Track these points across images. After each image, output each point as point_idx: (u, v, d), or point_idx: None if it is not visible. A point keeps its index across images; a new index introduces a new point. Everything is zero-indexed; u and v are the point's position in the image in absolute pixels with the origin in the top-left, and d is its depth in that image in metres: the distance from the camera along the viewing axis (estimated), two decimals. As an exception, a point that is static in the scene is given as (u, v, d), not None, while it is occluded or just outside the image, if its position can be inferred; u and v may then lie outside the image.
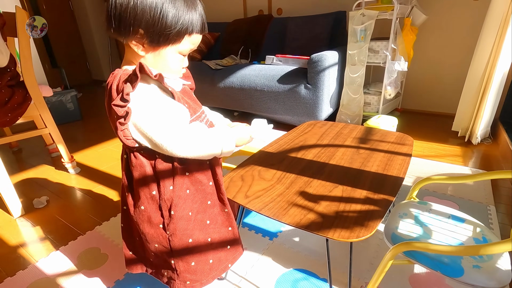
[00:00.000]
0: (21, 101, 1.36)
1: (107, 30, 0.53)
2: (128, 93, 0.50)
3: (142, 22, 0.50)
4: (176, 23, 0.51)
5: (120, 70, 0.54)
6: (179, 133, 0.53)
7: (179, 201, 0.59)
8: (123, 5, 0.49)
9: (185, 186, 0.60)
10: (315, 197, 0.68)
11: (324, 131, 1.08)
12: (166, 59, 0.55)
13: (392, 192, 0.68)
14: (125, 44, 0.54)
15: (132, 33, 0.51)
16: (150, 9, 0.50)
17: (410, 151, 0.88)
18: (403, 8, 1.82)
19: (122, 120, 0.52)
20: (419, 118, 2.20)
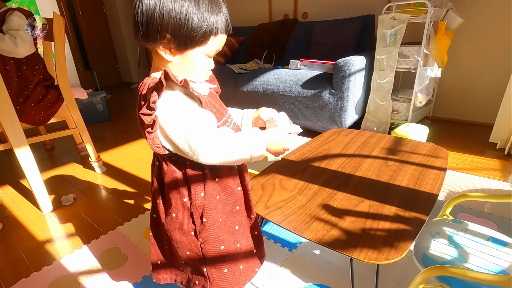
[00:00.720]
0: (54, 101, 1.43)
1: (135, 37, 0.54)
2: (155, 101, 0.50)
3: (169, 27, 0.50)
4: (201, 24, 0.52)
5: (148, 79, 0.55)
6: (206, 139, 0.52)
7: (210, 207, 0.58)
8: (149, 11, 0.50)
9: (215, 192, 0.59)
10: (340, 211, 0.64)
11: (350, 140, 1.03)
12: (193, 62, 0.55)
13: (425, 210, 0.62)
14: (153, 51, 0.55)
15: (159, 39, 0.51)
16: (176, 13, 0.50)
17: (445, 165, 0.81)
18: (437, 11, 1.73)
19: (150, 128, 0.52)
20: (452, 127, 2.07)
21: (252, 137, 0.57)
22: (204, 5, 0.51)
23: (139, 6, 0.50)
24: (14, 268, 1.00)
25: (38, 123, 1.40)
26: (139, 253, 1.03)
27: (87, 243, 1.10)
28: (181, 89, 0.54)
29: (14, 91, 1.30)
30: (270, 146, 0.59)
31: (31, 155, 1.23)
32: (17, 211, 1.34)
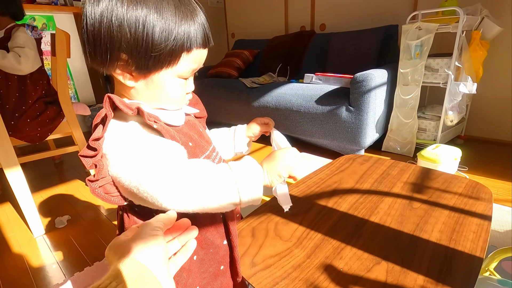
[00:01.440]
0: (53, 117, 1.38)
1: (85, 59, 0.42)
2: (97, 138, 0.38)
3: (121, 44, 0.38)
4: (166, 38, 0.39)
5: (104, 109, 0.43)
6: (173, 176, 0.39)
7: (182, 273, 0.44)
8: (95, 26, 0.38)
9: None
10: (346, 278, 0.49)
11: (366, 170, 0.87)
12: (162, 87, 0.43)
13: (466, 285, 0.45)
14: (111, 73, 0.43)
15: (111, 60, 0.39)
16: (129, 24, 0.37)
17: (489, 212, 0.63)
18: (470, 19, 1.54)
19: (92, 177, 0.40)
20: (489, 149, 1.82)
21: (241, 171, 0.40)
22: (169, 12, 0.38)
23: (84, 20, 0.38)
24: (-11, 302, 0.92)
25: (34, 140, 1.35)
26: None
27: (71, 275, 1.01)
28: (135, 119, 0.42)
29: (12, 106, 1.26)
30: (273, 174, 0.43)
31: (23, 176, 1.17)
32: (9, 233, 1.28)
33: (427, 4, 1.95)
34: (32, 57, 1.28)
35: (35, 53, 1.29)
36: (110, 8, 0.37)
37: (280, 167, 0.43)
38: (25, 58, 1.23)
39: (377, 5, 2.21)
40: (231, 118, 2.33)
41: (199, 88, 2.35)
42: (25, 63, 1.25)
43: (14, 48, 1.25)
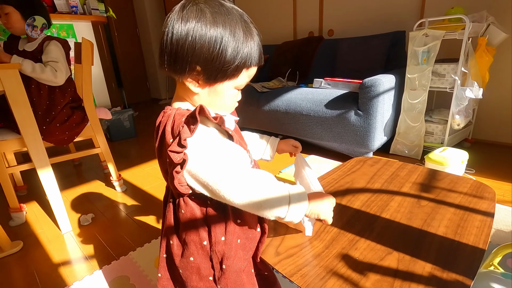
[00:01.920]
0: (79, 122, 1.47)
1: (160, 67, 0.50)
2: (186, 138, 0.45)
3: (200, 59, 0.46)
4: (235, 57, 0.47)
5: (172, 109, 0.51)
6: (244, 181, 0.47)
7: (230, 253, 0.52)
8: (180, 42, 0.46)
9: (236, 236, 0.53)
10: (362, 265, 0.55)
11: (376, 171, 0.93)
12: (222, 95, 0.52)
13: (469, 272, 0.51)
14: (179, 81, 0.51)
15: (188, 70, 0.48)
16: (209, 44, 0.45)
17: (492, 209, 0.69)
18: (476, 26, 1.59)
19: (178, 168, 0.46)
20: (496, 152, 1.86)
21: (296, 198, 0.50)
22: (239, 34, 0.47)
23: (169, 35, 0.46)
24: (27, 292, 1.00)
25: (62, 143, 1.44)
26: (147, 284, 0.98)
27: (99, 268, 1.08)
28: (214, 126, 0.50)
29: (43, 113, 1.35)
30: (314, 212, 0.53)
31: (53, 176, 1.26)
32: (39, 229, 1.37)
33: (434, 10, 2.01)
34: (65, 70, 1.38)
35: (66, 65, 1.39)
36: (195, 28, 0.45)
37: (321, 209, 0.54)
38: (60, 72, 1.33)
39: (384, 11, 2.27)
40: (243, 121, 2.41)
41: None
42: (60, 77, 1.35)
43: (50, 62, 1.34)
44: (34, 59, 1.33)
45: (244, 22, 0.48)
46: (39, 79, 1.31)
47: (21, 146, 1.35)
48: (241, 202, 0.47)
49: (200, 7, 0.46)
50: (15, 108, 1.12)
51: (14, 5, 1.28)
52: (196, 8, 0.45)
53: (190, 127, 0.45)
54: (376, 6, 2.30)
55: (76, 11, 2.36)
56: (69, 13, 2.34)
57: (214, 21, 0.45)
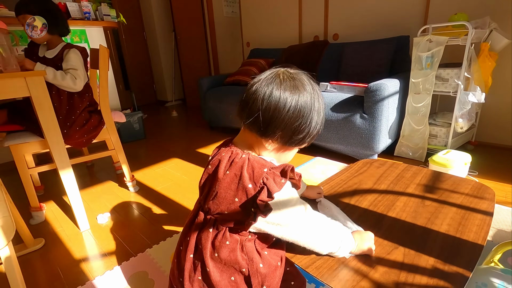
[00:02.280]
0: (96, 125, 1.54)
1: (244, 122, 0.55)
2: (275, 191, 0.50)
3: (285, 127, 0.52)
4: (313, 132, 0.55)
5: (243, 152, 0.56)
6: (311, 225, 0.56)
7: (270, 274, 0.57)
8: (281, 111, 0.51)
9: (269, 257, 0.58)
10: (371, 259, 0.60)
11: (382, 173, 0.98)
12: (289, 156, 0.61)
13: (469, 265, 0.56)
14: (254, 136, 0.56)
15: (272, 132, 0.53)
16: (302, 118, 0.52)
17: (491, 209, 0.74)
18: (479, 32, 1.63)
19: (262, 215, 0.51)
20: (499, 154, 1.90)
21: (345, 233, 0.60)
22: (320, 112, 0.55)
23: (269, 99, 0.51)
24: (51, 286, 1.06)
25: (81, 145, 1.51)
26: (165, 279, 1.04)
27: (118, 264, 1.14)
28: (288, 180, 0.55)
29: (64, 117, 1.42)
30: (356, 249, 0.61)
31: (73, 176, 1.33)
32: (58, 227, 1.43)
33: (438, 16, 2.05)
34: (83, 77, 1.45)
35: (84, 72, 1.46)
36: (301, 102, 0.52)
37: (365, 246, 0.61)
38: (79, 80, 1.41)
39: (388, 16, 2.32)
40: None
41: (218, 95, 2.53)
42: (79, 84, 1.42)
43: (69, 70, 1.41)
44: (55, 66, 1.40)
45: (321, 100, 0.55)
46: (60, 85, 1.38)
47: (41, 148, 1.42)
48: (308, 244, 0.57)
49: (295, 83, 0.52)
50: (40, 113, 1.18)
51: (36, 15, 1.35)
52: (293, 84, 0.52)
53: (276, 181, 0.51)
54: (380, 11, 2.35)
55: (88, 17, 2.44)
56: (82, 19, 2.41)
57: (308, 97, 0.53)
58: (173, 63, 4.64)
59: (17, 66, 1.20)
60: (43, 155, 2.25)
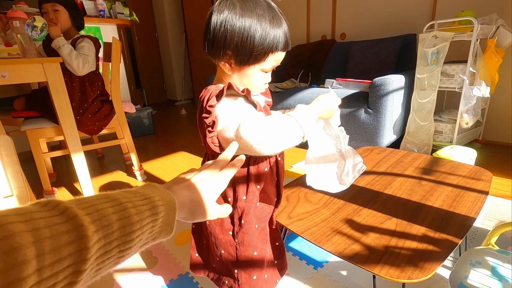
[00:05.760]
0: (107, 114, 1.60)
1: (203, 52, 0.60)
2: (212, 105, 0.54)
3: (231, 45, 0.55)
4: (262, 44, 0.54)
5: (212, 86, 0.60)
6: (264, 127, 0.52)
7: (249, 211, 0.61)
8: (216, 30, 0.55)
9: (256, 198, 0.62)
10: (363, 227, 0.63)
11: (382, 158, 1.00)
12: (250, 77, 0.59)
13: (459, 233, 0.58)
14: (216, 64, 0.61)
15: (222, 55, 0.56)
16: (239, 32, 0.54)
17: (487, 188, 0.75)
18: (485, 28, 1.64)
19: (210, 128, 0.56)
20: (506, 153, 1.87)
21: (299, 114, 0.55)
22: (265, 24, 0.54)
23: (208, 23, 0.56)
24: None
25: (92, 133, 1.57)
26: (169, 257, 1.08)
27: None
28: (242, 97, 0.59)
29: (77, 104, 1.49)
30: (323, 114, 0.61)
31: (85, 161, 1.39)
32: (69, 211, 1.49)
33: (445, 14, 2.06)
34: (92, 65, 1.52)
35: (94, 61, 1.53)
36: (228, 18, 0.54)
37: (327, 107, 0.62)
38: (87, 65, 1.47)
39: (396, 15, 2.33)
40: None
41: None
42: (85, 69, 1.49)
43: (81, 54, 1.48)
44: (66, 53, 1.47)
45: (272, 12, 0.56)
46: (69, 63, 1.42)
47: (55, 134, 1.48)
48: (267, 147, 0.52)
49: (232, 1, 0.55)
50: (56, 98, 1.25)
51: (65, 5, 1.43)
52: (229, 2, 0.55)
53: (217, 98, 0.55)
54: (388, 10, 2.37)
55: (103, 14, 2.53)
56: (97, 17, 2.51)
57: (243, 12, 0.55)
58: (183, 63, 4.74)
59: (35, 54, 1.28)
60: (56, 147, 2.34)
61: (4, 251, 0.19)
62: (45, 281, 0.21)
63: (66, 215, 0.24)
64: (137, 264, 1.06)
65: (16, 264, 0.19)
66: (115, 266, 0.29)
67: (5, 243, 0.19)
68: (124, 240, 0.28)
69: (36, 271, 0.20)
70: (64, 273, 0.22)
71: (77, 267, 0.23)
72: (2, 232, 0.19)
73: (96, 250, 0.25)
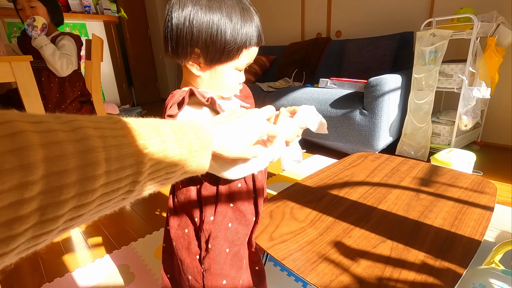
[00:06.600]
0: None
1: (165, 52, 0.53)
2: (171, 115, 0.48)
3: (199, 42, 0.48)
4: (235, 38, 0.48)
5: (178, 91, 0.53)
6: None
7: (218, 233, 0.54)
8: (179, 26, 0.48)
9: (227, 219, 0.55)
10: (354, 252, 0.55)
11: (377, 166, 0.93)
12: (223, 77, 0.53)
13: (463, 261, 0.51)
14: (182, 65, 0.53)
15: (189, 54, 0.50)
16: (206, 27, 0.47)
17: (492, 204, 0.68)
18: (485, 26, 1.56)
19: None
20: (505, 155, 1.81)
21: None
22: (236, 17, 0.48)
23: (169, 21, 0.49)
24: (32, 276, 1.03)
25: (70, 136, 1.48)
26: (146, 273, 1.00)
27: (101, 257, 1.10)
28: (208, 106, 0.52)
29: (53, 105, 1.40)
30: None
31: (60, 166, 1.30)
32: (45, 219, 1.40)
33: (443, 11, 1.99)
34: (74, 64, 1.43)
35: (76, 60, 1.44)
36: (192, 13, 0.46)
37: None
38: (70, 66, 1.40)
39: (392, 13, 2.26)
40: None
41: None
42: (68, 70, 1.41)
43: (64, 55, 1.39)
44: (46, 52, 1.37)
45: (242, 5, 0.49)
46: (52, 64, 1.35)
47: (31, 138, 1.39)
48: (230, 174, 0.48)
49: None
50: (26, 100, 1.16)
51: (41, 0, 1.34)
52: None
53: (179, 106, 0.48)
54: (384, 7, 2.29)
55: (89, 10, 2.43)
56: (82, 13, 2.41)
57: (210, 6, 0.47)
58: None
59: (4, 52, 1.18)
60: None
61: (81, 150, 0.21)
62: (111, 184, 0.24)
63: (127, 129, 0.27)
64: (112, 281, 0.98)
65: (89, 163, 0.22)
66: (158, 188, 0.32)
67: (82, 144, 0.21)
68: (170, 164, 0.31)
69: (105, 173, 0.23)
70: (125, 180, 0.26)
71: (135, 178, 0.27)
72: (80, 134, 0.22)
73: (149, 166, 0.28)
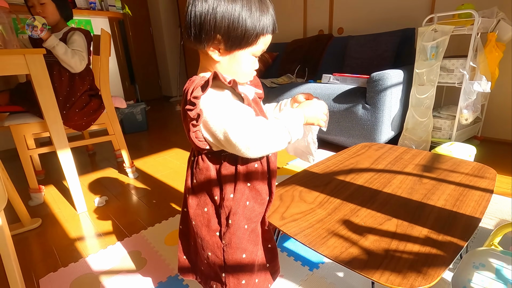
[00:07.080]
0: (96, 108, 1.54)
1: (187, 39, 0.56)
2: (196, 97, 0.51)
3: (221, 29, 0.52)
4: (253, 26, 0.53)
5: (197, 77, 0.57)
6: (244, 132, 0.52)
7: (237, 210, 0.57)
8: (203, 14, 0.52)
9: (245, 197, 0.58)
10: (362, 228, 0.58)
11: (381, 155, 0.96)
12: (240, 62, 0.57)
13: (464, 236, 0.54)
14: (202, 51, 0.57)
15: (210, 39, 0.53)
16: (228, 15, 0.51)
17: (492, 186, 0.71)
18: (486, 22, 1.59)
19: (195, 121, 0.53)
20: (506, 149, 1.85)
21: (288, 119, 0.57)
22: (255, 6, 0.53)
23: (193, 9, 0.53)
24: (46, 262, 1.06)
25: (80, 128, 1.51)
26: (157, 259, 1.03)
27: (112, 244, 1.14)
28: (229, 89, 0.55)
29: (64, 98, 1.43)
30: (309, 119, 0.61)
31: (71, 157, 1.33)
32: (56, 209, 1.44)
33: (444, 8, 2.02)
34: (86, 59, 1.46)
35: (87, 55, 1.47)
36: (216, 3, 0.51)
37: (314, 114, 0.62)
38: (84, 62, 1.43)
39: (394, 9, 2.28)
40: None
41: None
42: (82, 66, 1.44)
43: (76, 50, 1.42)
44: (57, 47, 1.40)
45: None
46: (67, 62, 1.38)
47: (41, 130, 1.43)
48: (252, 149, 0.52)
49: None
50: (39, 92, 1.19)
51: None
52: None
53: (202, 89, 0.51)
54: (386, 4, 2.32)
55: (94, 7, 2.45)
56: (88, 9, 2.43)
57: None
58: (178, 58, 4.66)
59: (17, 46, 1.21)
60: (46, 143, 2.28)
61: None
62: None
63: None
64: (125, 266, 1.01)
65: None
66: None
67: None
68: None
69: None
70: None
71: None
72: None
73: None
